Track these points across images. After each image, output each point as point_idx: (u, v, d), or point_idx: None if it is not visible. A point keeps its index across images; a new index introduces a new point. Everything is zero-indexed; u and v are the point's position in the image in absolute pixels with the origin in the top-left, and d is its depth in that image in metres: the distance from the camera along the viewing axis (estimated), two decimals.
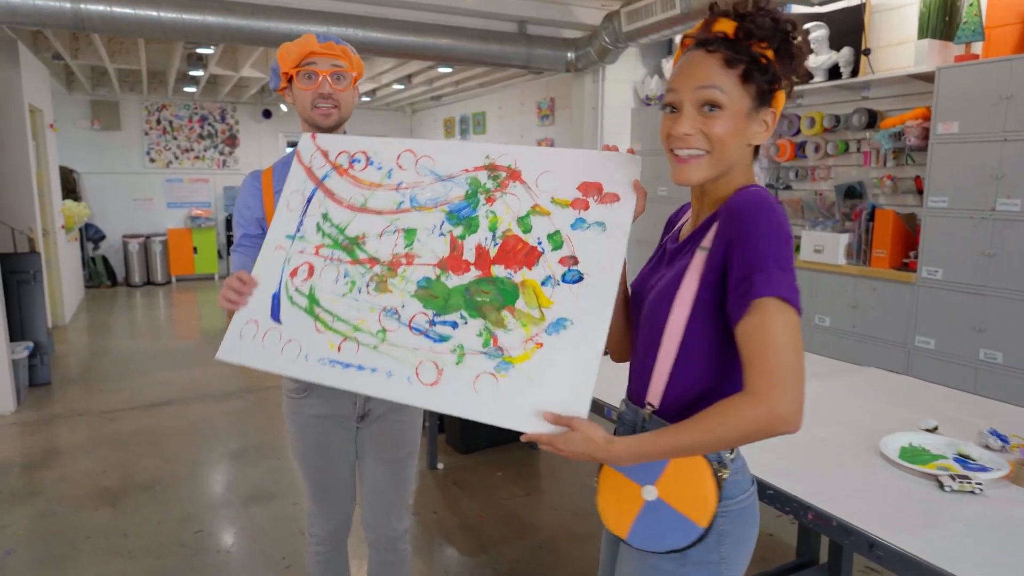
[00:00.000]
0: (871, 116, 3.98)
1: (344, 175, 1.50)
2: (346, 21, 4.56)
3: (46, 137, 6.62)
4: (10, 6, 3.74)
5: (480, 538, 2.85)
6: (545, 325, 1.20)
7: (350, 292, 1.39)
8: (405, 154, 1.45)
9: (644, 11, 4.41)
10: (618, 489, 1.11)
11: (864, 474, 1.46)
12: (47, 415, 4.34)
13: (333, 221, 1.46)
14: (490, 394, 1.20)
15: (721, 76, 1.02)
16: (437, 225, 1.36)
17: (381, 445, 1.78)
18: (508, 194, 1.32)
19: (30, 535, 2.86)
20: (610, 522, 1.13)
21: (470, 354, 1.24)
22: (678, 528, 1.05)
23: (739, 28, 1.02)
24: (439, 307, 1.30)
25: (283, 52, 1.61)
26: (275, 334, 1.43)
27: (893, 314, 3.77)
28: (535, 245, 1.26)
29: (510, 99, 8.17)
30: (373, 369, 1.31)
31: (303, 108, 1.63)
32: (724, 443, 0.98)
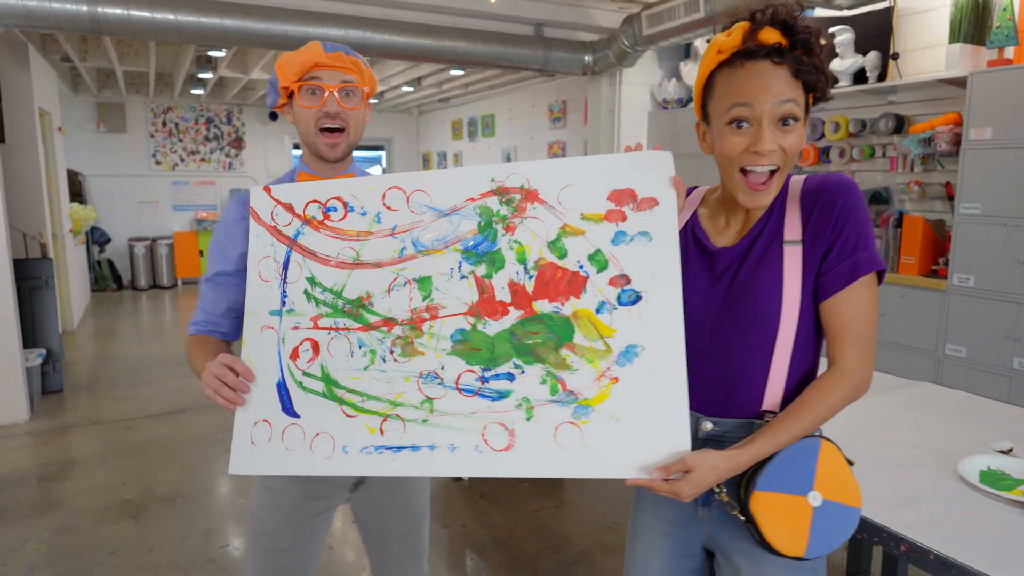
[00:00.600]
0: (898, 121, 3.93)
1: (321, 228, 1.26)
2: (364, 24, 4.50)
3: (55, 140, 6.56)
4: (26, 9, 3.68)
5: (513, 552, 2.80)
6: (614, 356, 1.10)
7: (372, 364, 1.20)
8: (392, 192, 1.23)
9: (666, 14, 4.36)
10: (781, 510, 1.05)
11: (947, 500, 1.41)
12: (61, 424, 4.28)
13: (324, 285, 1.24)
14: (576, 446, 1.09)
15: (795, 89, 1.02)
16: (454, 268, 1.19)
17: (386, 517, 1.54)
18: (529, 218, 1.16)
19: (52, 550, 2.80)
20: (783, 544, 1.05)
21: (539, 406, 1.12)
22: (846, 519, 1.08)
23: (791, 38, 1.01)
24: (486, 360, 1.15)
25: (283, 63, 1.35)
26: (296, 430, 1.22)
27: (922, 322, 3.72)
28: (576, 270, 1.13)
29: (520, 101, 8.12)
30: (431, 446, 1.15)
31: (305, 130, 1.37)
32: (823, 421, 1.05)
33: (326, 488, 1.47)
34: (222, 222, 1.44)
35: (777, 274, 1.07)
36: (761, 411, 1.11)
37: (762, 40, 1.01)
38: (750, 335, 1.09)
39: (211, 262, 1.43)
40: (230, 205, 1.43)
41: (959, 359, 3.54)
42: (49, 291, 4.80)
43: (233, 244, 1.39)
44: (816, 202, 1.05)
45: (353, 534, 2.94)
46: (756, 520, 1.05)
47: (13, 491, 3.34)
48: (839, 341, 1.04)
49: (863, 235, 1.03)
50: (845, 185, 1.05)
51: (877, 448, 1.67)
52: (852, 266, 1.02)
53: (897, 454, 1.63)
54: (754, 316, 1.08)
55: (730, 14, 1.09)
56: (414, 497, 1.57)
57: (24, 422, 4.27)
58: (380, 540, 1.56)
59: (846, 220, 1.03)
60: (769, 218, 1.11)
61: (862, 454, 1.63)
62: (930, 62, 3.91)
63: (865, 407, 1.96)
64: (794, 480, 1.05)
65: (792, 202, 1.10)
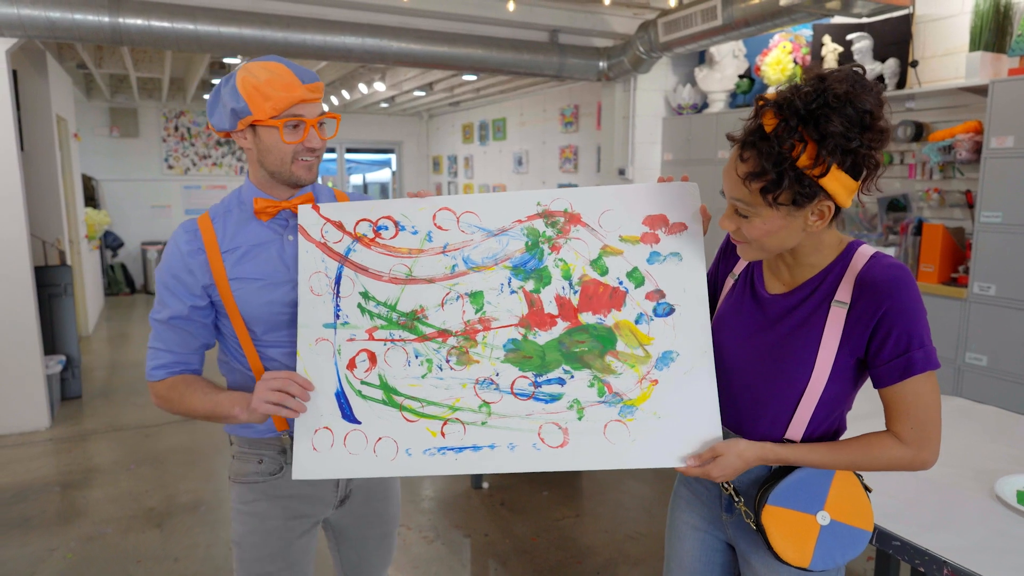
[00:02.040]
0: (917, 128, 3.93)
1: (372, 246, 1.33)
2: (380, 33, 4.52)
3: (70, 146, 6.60)
4: (49, 21, 3.71)
5: (536, 562, 2.81)
6: (653, 361, 1.23)
7: (430, 372, 1.29)
8: (442, 213, 1.33)
9: (683, 21, 4.36)
10: (790, 524, 1.15)
11: (985, 521, 1.41)
12: (82, 431, 4.31)
13: (378, 299, 1.32)
14: (624, 440, 1.22)
15: (743, 190, 1.07)
16: (504, 283, 1.29)
17: (367, 524, 1.57)
18: (572, 239, 1.29)
19: (80, 559, 2.82)
20: (790, 555, 1.16)
21: (589, 407, 1.24)
22: (854, 540, 1.16)
23: (775, 129, 1.02)
24: (537, 367, 1.26)
25: (256, 95, 1.24)
26: (358, 436, 1.29)
27: (942, 330, 3.71)
28: (616, 286, 1.26)
29: (532, 105, 8.13)
30: (492, 446, 1.25)
31: (279, 161, 1.30)
32: (865, 468, 1.13)
33: (309, 507, 1.46)
34: (174, 256, 1.33)
35: (818, 334, 1.13)
36: (783, 438, 1.19)
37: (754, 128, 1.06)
38: (781, 380, 1.17)
39: (170, 300, 1.34)
40: (179, 237, 1.34)
41: (980, 368, 3.53)
42: (68, 298, 4.83)
43: (194, 278, 1.33)
44: (875, 289, 1.07)
45: None
46: (766, 531, 1.15)
47: (38, 499, 3.37)
48: (895, 423, 1.11)
49: (916, 334, 1.06)
50: (902, 284, 1.06)
51: None
52: (905, 364, 1.07)
53: (933, 473, 1.64)
54: (787, 367, 1.16)
55: (745, 22, 1.14)
56: (392, 502, 1.62)
57: (45, 429, 4.31)
58: (358, 546, 1.59)
59: (894, 322, 1.06)
60: (824, 280, 1.14)
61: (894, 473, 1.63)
62: (949, 69, 3.90)
63: None
64: (805, 499, 1.15)
65: (850, 274, 1.12)
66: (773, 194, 1.04)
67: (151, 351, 1.38)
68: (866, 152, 1.02)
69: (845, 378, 1.14)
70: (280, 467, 1.42)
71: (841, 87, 1.00)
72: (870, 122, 1.01)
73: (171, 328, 1.35)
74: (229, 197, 1.41)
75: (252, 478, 1.42)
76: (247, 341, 1.36)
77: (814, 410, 1.16)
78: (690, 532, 1.37)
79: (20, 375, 4.20)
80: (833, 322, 1.11)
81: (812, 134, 1.00)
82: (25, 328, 4.18)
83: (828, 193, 1.04)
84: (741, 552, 1.29)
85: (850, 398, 1.20)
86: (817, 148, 1.00)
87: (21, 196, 4.09)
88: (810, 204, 1.05)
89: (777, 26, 3.98)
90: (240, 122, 1.28)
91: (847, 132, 0.99)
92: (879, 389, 1.12)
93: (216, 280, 1.33)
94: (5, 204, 4.05)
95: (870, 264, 1.10)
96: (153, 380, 1.37)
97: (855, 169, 1.04)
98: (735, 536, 1.29)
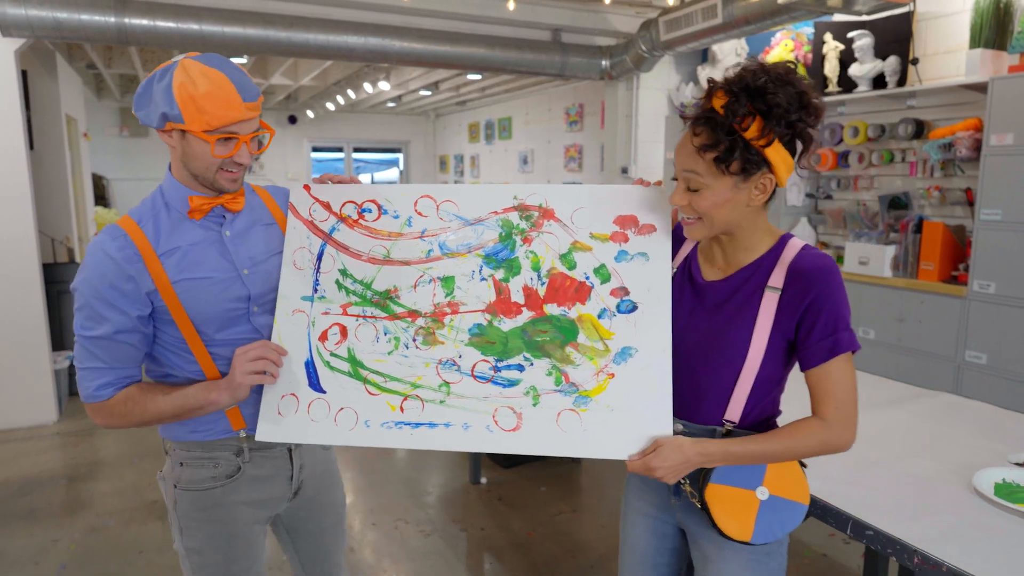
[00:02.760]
0: (918, 126, 3.92)
1: (355, 226, 1.40)
2: (383, 32, 4.56)
3: (80, 146, 6.68)
4: (56, 21, 3.77)
5: (531, 556, 2.83)
6: (611, 356, 1.27)
7: (396, 349, 1.34)
8: (423, 200, 1.40)
9: (684, 20, 4.37)
10: (731, 500, 1.22)
11: (960, 512, 1.43)
12: (88, 425, 4.37)
13: (355, 277, 1.38)
14: (575, 429, 1.25)
15: (698, 162, 1.15)
16: (476, 270, 1.34)
17: (323, 513, 1.57)
18: (545, 233, 1.34)
19: (83, 549, 2.87)
20: (732, 530, 1.22)
21: (545, 394, 1.28)
22: (792, 513, 1.23)
23: (726, 105, 1.12)
24: (499, 352, 1.30)
25: (191, 104, 1.19)
26: (322, 404, 1.33)
27: (942, 328, 3.70)
28: (583, 280, 1.30)
29: (537, 105, 8.15)
30: (447, 424, 1.29)
31: (203, 168, 1.26)
32: (797, 456, 1.20)
33: (270, 503, 1.45)
34: (105, 265, 1.24)
35: (752, 317, 1.20)
36: (723, 420, 1.24)
37: (705, 108, 1.15)
38: (720, 362, 1.23)
39: (110, 313, 1.25)
40: (106, 245, 1.25)
41: (979, 366, 3.52)
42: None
43: (135, 285, 1.26)
44: (804, 278, 1.17)
45: (372, 535, 2.99)
46: (709, 508, 1.22)
47: (44, 491, 3.43)
48: (821, 405, 1.18)
49: (841, 318, 1.16)
50: (827, 273, 1.16)
51: (893, 459, 1.69)
52: (832, 343, 1.15)
53: (913, 466, 1.65)
54: (725, 350, 1.22)
55: (746, 20, 1.23)
56: (338, 488, 1.62)
57: (53, 423, 4.38)
58: (313, 537, 1.58)
59: (822, 306, 1.15)
60: (759, 268, 1.23)
61: (878, 465, 1.65)
62: (950, 67, 3.89)
63: (883, 418, 1.97)
64: (745, 476, 1.22)
65: (783, 262, 1.21)
66: (726, 163, 1.13)
67: (87, 371, 1.27)
68: (803, 127, 1.14)
69: (777, 360, 1.22)
70: (237, 468, 1.39)
71: (779, 69, 1.13)
72: (805, 101, 1.13)
73: (114, 343, 1.26)
74: (150, 199, 1.34)
75: (207, 484, 1.38)
76: (198, 344, 1.32)
77: (750, 391, 1.22)
78: (641, 519, 1.42)
79: (29, 371, 4.27)
80: (766, 306, 1.19)
81: (760, 105, 1.11)
82: (33, 324, 4.25)
83: (770, 166, 1.14)
84: (690, 534, 1.35)
85: (782, 380, 1.27)
86: (763, 121, 1.11)
87: (29, 194, 4.16)
88: (754, 176, 1.15)
89: (777, 24, 3.98)
90: (168, 124, 1.23)
91: (788, 106, 1.11)
92: (806, 371, 1.19)
93: (158, 285, 1.27)
94: (14, 202, 4.12)
95: (801, 255, 1.19)
96: (100, 400, 1.28)
97: (793, 144, 1.15)
98: (684, 519, 1.35)
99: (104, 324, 1.25)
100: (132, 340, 1.28)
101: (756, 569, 1.26)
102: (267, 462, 1.43)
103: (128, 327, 1.27)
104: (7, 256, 4.14)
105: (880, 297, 4.01)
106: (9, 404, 4.25)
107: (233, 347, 1.33)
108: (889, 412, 2.02)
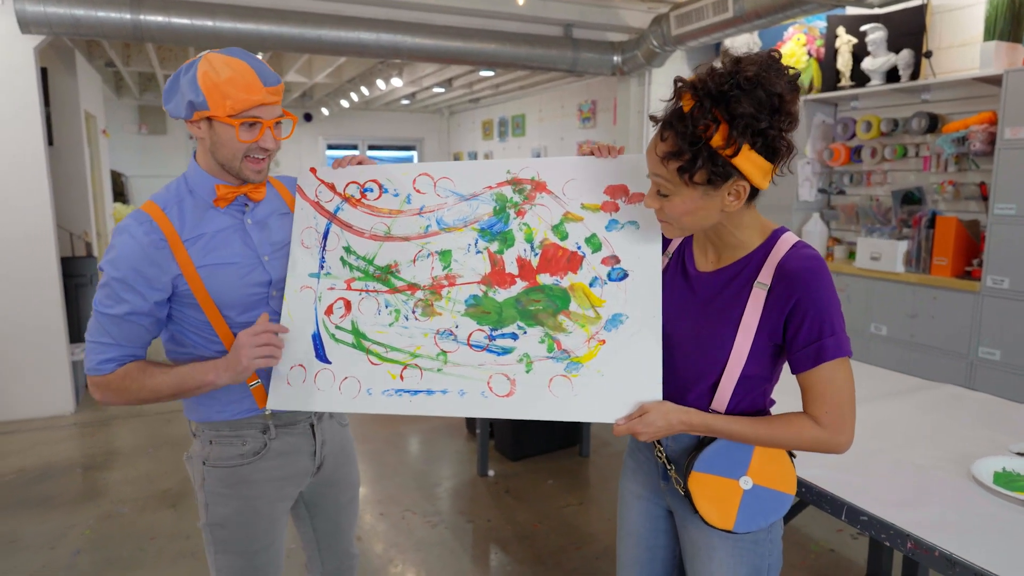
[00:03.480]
0: (931, 120, 3.88)
1: (358, 205, 1.46)
2: (395, 28, 4.59)
3: (99, 142, 6.79)
4: (74, 18, 3.84)
5: (536, 547, 2.85)
6: (602, 323, 1.29)
7: (396, 321, 1.39)
8: (421, 178, 1.44)
9: (695, 14, 4.36)
10: (714, 489, 1.21)
11: (958, 500, 1.42)
12: (105, 416, 4.45)
13: (358, 253, 1.44)
14: (567, 394, 1.29)
15: (663, 169, 1.11)
16: (471, 244, 1.39)
17: (340, 489, 1.63)
18: (537, 205, 1.37)
19: (97, 535, 2.93)
20: (714, 518, 1.21)
21: (538, 361, 1.31)
22: (776, 503, 1.22)
23: (690, 111, 1.05)
24: (494, 322, 1.34)
25: (216, 92, 1.25)
26: (327, 374, 1.40)
27: (955, 324, 3.66)
28: (575, 250, 1.33)
29: (550, 101, 8.15)
30: (444, 391, 1.34)
31: (230, 156, 1.32)
32: (782, 446, 1.19)
33: (294, 479, 1.51)
34: (131, 248, 1.29)
35: (739, 313, 1.18)
36: (709, 409, 1.23)
37: (674, 109, 1.08)
38: (705, 355, 1.22)
39: (128, 295, 1.30)
40: (133, 229, 1.30)
41: (993, 362, 3.48)
42: (94, 288, 4.98)
43: (159, 270, 1.31)
44: (790, 280, 1.13)
45: (382, 525, 3.02)
46: (692, 496, 1.22)
47: (61, 479, 3.50)
48: (811, 407, 1.15)
49: (827, 323, 1.11)
50: (814, 275, 1.11)
51: (894, 449, 1.68)
52: (817, 350, 1.12)
53: (914, 455, 1.64)
54: (711, 344, 1.21)
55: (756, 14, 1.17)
56: (354, 465, 1.68)
57: (70, 413, 4.46)
58: (333, 513, 1.63)
59: (807, 310, 1.11)
60: (749, 263, 1.19)
61: (878, 455, 1.65)
62: (964, 60, 3.85)
63: (886, 408, 1.97)
64: (729, 465, 1.21)
65: (772, 259, 1.16)
66: (689, 173, 1.07)
67: (96, 345, 1.32)
68: (776, 134, 1.05)
69: (763, 358, 1.19)
70: (264, 445, 1.45)
71: (752, 70, 1.03)
72: (779, 105, 1.04)
73: (126, 323, 1.32)
74: (174, 185, 1.40)
75: (236, 461, 1.43)
76: (222, 326, 1.38)
77: (735, 386, 1.20)
78: (635, 501, 1.43)
79: (47, 362, 4.36)
80: (754, 303, 1.16)
81: (723, 114, 1.03)
82: (51, 317, 4.34)
83: (742, 173, 1.07)
84: (679, 518, 1.35)
85: (771, 379, 1.24)
86: (728, 128, 1.03)
87: (48, 189, 4.24)
88: (725, 184, 1.09)
89: (789, 18, 3.96)
90: (196, 114, 1.29)
91: (756, 114, 1.03)
92: (796, 375, 1.16)
93: (183, 270, 1.32)
94: (32, 197, 4.20)
95: (790, 253, 1.15)
96: (101, 374, 1.33)
97: (768, 150, 1.07)
98: (673, 503, 1.35)
99: (122, 304, 1.31)
100: (144, 323, 1.34)
101: (743, 557, 1.25)
102: (291, 438, 1.49)
103: (144, 310, 1.32)
104: (26, 250, 4.22)
105: (892, 293, 3.97)
106: (28, 395, 4.34)
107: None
108: (891, 403, 2.01)
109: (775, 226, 1.21)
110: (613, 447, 3.92)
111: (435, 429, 4.23)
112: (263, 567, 1.49)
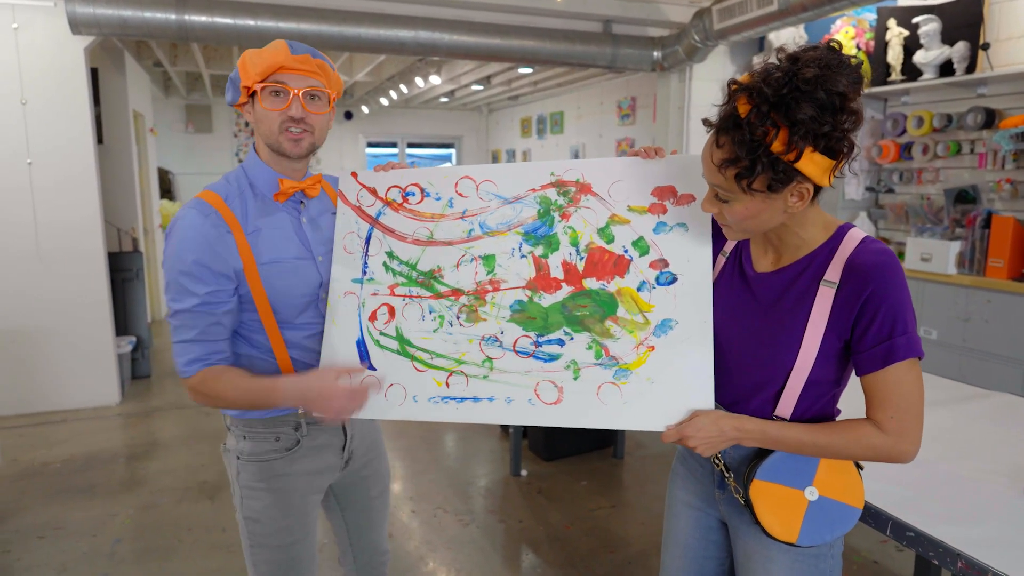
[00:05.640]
0: (988, 115, 3.71)
1: (400, 210, 1.44)
2: (433, 26, 4.59)
3: (146, 140, 6.96)
4: (122, 19, 3.94)
5: (568, 550, 2.81)
6: (651, 328, 1.26)
7: (441, 327, 1.37)
8: (463, 181, 1.42)
9: (738, 8, 4.25)
10: (777, 499, 1.15)
11: (1014, 517, 1.34)
12: (148, 407, 4.56)
13: (401, 258, 1.42)
14: (616, 402, 1.25)
15: (719, 177, 1.06)
16: (515, 248, 1.36)
17: (370, 483, 1.63)
18: (582, 208, 1.33)
19: (136, 525, 2.99)
20: (776, 530, 1.16)
21: (585, 368, 1.28)
22: (843, 516, 1.15)
23: (748, 115, 0.99)
24: (540, 328, 1.31)
25: (245, 62, 1.29)
26: (372, 381, 1.38)
27: (1010, 328, 3.50)
28: (622, 254, 1.29)
29: (589, 98, 8.08)
30: (491, 398, 1.32)
31: (268, 131, 1.33)
32: (844, 456, 1.12)
33: (325, 473, 1.51)
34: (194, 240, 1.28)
35: (806, 313, 1.11)
36: (773, 416, 1.17)
37: (728, 113, 1.03)
38: (770, 359, 1.15)
39: (197, 287, 1.28)
40: (195, 220, 1.28)
41: None
42: (139, 282, 5.12)
43: (225, 262, 1.30)
44: (861, 274, 1.06)
45: (415, 523, 3.02)
46: (754, 505, 1.16)
47: (104, 468, 3.60)
48: (875, 411, 1.09)
49: (899, 320, 1.04)
50: (888, 269, 1.05)
51: (945, 461, 1.60)
52: (887, 351, 1.05)
53: (966, 468, 1.56)
54: (776, 347, 1.14)
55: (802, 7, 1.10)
56: (384, 459, 1.68)
57: (115, 405, 4.58)
58: (364, 506, 1.64)
59: (878, 306, 1.05)
60: (813, 261, 1.12)
61: (926, 466, 1.57)
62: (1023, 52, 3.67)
63: (937, 417, 1.88)
64: (794, 474, 1.15)
65: (840, 255, 1.10)
66: (748, 180, 1.02)
67: (179, 345, 1.32)
68: (839, 135, 1.00)
69: (832, 360, 1.13)
70: (296, 441, 1.45)
71: (811, 71, 0.97)
72: (842, 104, 0.99)
73: (200, 315, 1.29)
74: (233, 176, 1.39)
75: (269, 456, 1.44)
76: (273, 327, 1.37)
77: (802, 390, 1.13)
78: (685, 510, 1.37)
79: (94, 354, 4.48)
80: (821, 302, 1.10)
81: (783, 120, 0.98)
82: (99, 310, 4.45)
83: (804, 175, 1.02)
84: (733, 528, 1.28)
85: (840, 382, 1.17)
86: (789, 133, 0.98)
87: (96, 185, 4.35)
88: (787, 187, 1.03)
89: (837, 10, 3.82)
90: (242, 91, 1.33)
91: (818, 117, 0.97)
92: (861, 377, 1.09)
93: (245, 264, 1.31)
94: (81, 192, 4.32)
95: (860, 248, 1.08)
96: (186, 376, 1.33)
97: (830, 151, 1.01)
98: (728, 513, 1.29)
99: (191, 297, 1.29)
100: (217, 312, 1.31)
101: (802, 571, 1.18)
102: (323, 434, 1.49)
103: (214, 299, 1.30)
104: (75, 244, 4.35)
105: (944, 295, 3.82)
106: (76, 386, 4.47)
107: (302, 332, 1.40)
108: (941, 411, 1.92)
109: (840, 222, 1.15)
110: (648, 450, 3.85)
111: (469, 427, 4.22)
112: (298, 560, 1.49)
